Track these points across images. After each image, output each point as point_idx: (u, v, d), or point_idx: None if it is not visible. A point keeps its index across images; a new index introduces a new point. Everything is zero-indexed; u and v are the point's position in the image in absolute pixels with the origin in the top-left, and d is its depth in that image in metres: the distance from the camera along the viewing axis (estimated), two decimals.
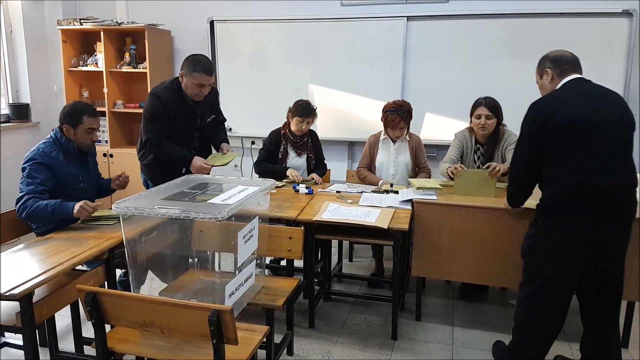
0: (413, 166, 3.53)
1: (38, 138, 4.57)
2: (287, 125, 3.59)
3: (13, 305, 2.00)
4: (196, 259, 2.42)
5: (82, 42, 4.92)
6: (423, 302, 3.14)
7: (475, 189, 2.97)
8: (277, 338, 2.55)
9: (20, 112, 4.70)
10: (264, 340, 2.03)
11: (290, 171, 3.52)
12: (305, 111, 3.47)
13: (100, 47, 4.68)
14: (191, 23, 4.82)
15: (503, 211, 2.74)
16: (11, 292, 1.81)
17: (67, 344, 2.74)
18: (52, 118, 4.85)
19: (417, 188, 3.02)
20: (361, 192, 3.23)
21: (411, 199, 2.95)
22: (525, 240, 2.39)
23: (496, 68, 4.11)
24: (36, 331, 2.01)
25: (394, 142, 3.50)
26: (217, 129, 3.38)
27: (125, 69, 4.72)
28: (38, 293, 2.03)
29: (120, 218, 2.07)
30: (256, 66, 4.70)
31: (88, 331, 2.58)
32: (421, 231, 2.91)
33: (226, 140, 3.37)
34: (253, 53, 4.68)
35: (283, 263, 3.61)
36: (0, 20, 4.59)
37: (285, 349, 2.63)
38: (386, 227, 2.63)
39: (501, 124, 3.20)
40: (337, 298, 3.37)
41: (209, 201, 2.09)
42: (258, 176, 3.66)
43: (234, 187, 2.25)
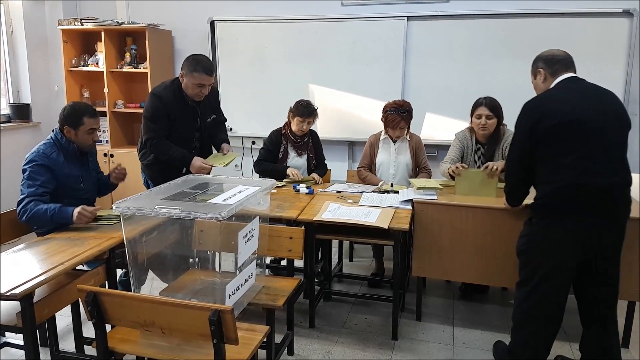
0: (413, 166, 3.53)
1: (39, 138, 4.62)
2: (288, 125, 3.59)
3: (14, 305, 2.00)
4: (197, 259, 2.42)
5: (83, 42, 4.93)
6: (423, 302, 3.14)
7: (476, 189, 2.98)
8: (278, 338, 2.56)
9: (21, 112, 4.71)
10: (265, 340, 2.03)
11: (290, 170, 3.52)
12: (306, 111, 3.47)
13: (100, 47, 4.68)
14: (192, 23, 4.83)
15: (504, 211, 2.74)
16: (12, 292, 1.81)
17: (68, 344, 2.74)
18: (53, 118, 4.85)
19: (418, 188, 3.02)
20: (361, 192, 3.23)
21: (411, 199, 2.96)
22: (520, 239, 2.40)
23: (496, 68, 4.11)
24: (37, 331, 2.01)
25: (394, 142, 3.50)
26: (218, 129, 3.38)
27: (125, 69, 4.73)
28: (39, 293, 2.03)
29: (120, 218, 2.07)
30: (256, 66, 4.70)
31: (89, 331, 2.58)
32: (422, 231, 2.92)
33: (227, 140, 3.37)
34: (253, 53, 4.68)
35: (283, 263, 3.61)
36: (1, 20, 4.59)
37: (285, 349, 2.63)
38: (386, 227, 2.63)
39: (502, 124, 3.20)
40: (338, 298, 3.37)
41: (210, 201, 2.09)
42: (258, 175, 3.67)
43: (235, 187, 2.25)
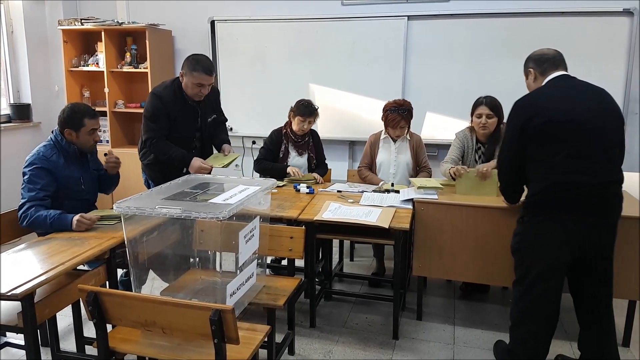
0: (414, 165, 3.53)
1: (39, 138, 4.63)
2: (289, 124, 3.59)
3: (15, 305, 2.00)
4: (197, 259, 2.42)
5: (83, 42, 4.92)
6: (424, 302, 3.14)
7: (476, 189, 2.98)
8: (279, 338, 2.56)
9: (21, 112, 4.71)
10: (265, 339, 2.03)
11: (291, 168, 3.52)
12: (307, 111, 3.47)
13: (101, 47, 4.68)
14: (192, 23, 4.83)
15: (504, 210, 2.74)
16: (13, 292, 1.81)
17: (69, 344, 2.75)
18: (53, 118, 4.79)
19: (418, 187, 3.02)
20: (362, 192, 3.23)
21: (412, 199, 2.96)
22: (513, 237, 2.41)
23: (497, 67, 4.11)
24: (38, 331, 2.01)
25: (395, 142, 3.50)
26: (219, 129, 3.37)
27: (126, 69, 4.73)
28: (39, 293, 2.04)
29: (121, 218, 2.07)
30: (257, 66, 4.70)
31: (89, 331, 2.58)
32: (422, 230, 2.92)
33: (227, 141, 3.37)
34: (254, 53, 4.68)
35: (284, 263, 3.61)
36: (1, 20, 4.60)
37: (286, 349, 2.64)
38: (387, 227, 2.63)
39: (502, 123, 3.19)
40: (338, 297, 3.38)
41: (210, 201, 2.09)
42: (258, 175, 3.67)
43: (235, 187, 2.25)
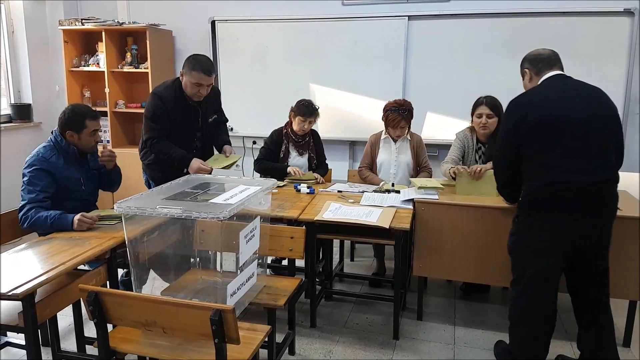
0: (414, 165, 3.53)
1: (40, 138, 4.63)
2: (289, 124, 3.59)
3: (15, 305, 2.01)
4: (198, 259, 2.42)
5: (84, 42, 4.93)
6: (424, 302, 3.14)
7: (477, 189, 2.98)
8: (279, 337, 2.56)
9: (22, 112, 4.71)
10: (266, 339, 2.03)
11: (291, 168, 3.52)
12: (307, 110, 3.48)
13: (101, 47, 4.68)
14: (192, 23, 4.83)
15: (505, 210, 2.74)
16: (13, 292, 1.81)
17: (69, 344, 2.75)
18: (54, 118, 4.79)
19: (419, 188, 3.02)
20: (362, 192, 3.23)
21: (412, 199, 2.96)
22: (509, 237, 2.42)
23: (497, 67, 4.11)
24: (38, 331, 2.01)
25: (395, 142, 3.50)
26: (219, 130, 3.38)
27: (126, 69, 4.73)
28: (40, 293, 2.04)
29: (122, 218, 2.07)
30: (257, 66, 4.70)
31: (90, 331, 2.57)
32: (423, 231, 2.92)
33: (228, 141, 3.37)
34: (254, 53, 4.68)
35: (284, 263, 3.61)
36: (1, 20, 4.60)
37: (287, 349, 2.64)
38: (387, 227, 2.63)
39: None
40: (339, 298, 3.38)
41: (211, 201, 2.09)
42: (258, 175, 3.67)
43: (236, 187, 2.25)
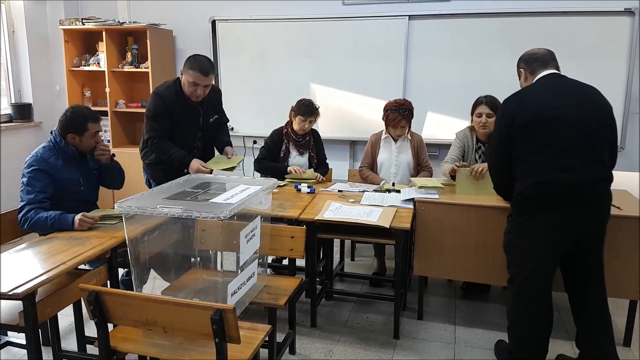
0: (415, 165, 3.52)
1: (40, 138, 4.63)
2: (290, 124, 3.59)
3: (16, 304, 2.01)
4: (198, 258, 2.42)
5: (84, 42, 4.93)
6: (425, 301, 3.14)
7: (477, 188, 2.97)
8: (280, 337, 2.56)
9: (22, 112, 4.71)
10: (266, 339, 2.03)
11: (291, 167, 3.52)
12: (307, 110, 3.48)
13: (102, 47, 4.68)
14: (193, 23, 4.83)
15: (505, 210, 2.72)
16: (14, 292, 1.81)
17: (70, 343, 2.75)
18: (55, 118, 4.82)
19: (419, 187, 3.02)
20: (363, 191, 3.23)
21: (413, 198, 2.96)
22: (504, 236, 2.43)
23: (498, 67, 4.10)
24: (39, 330, 2.01)
25: (396, 141, 3.50)
26: (220, 130, 3.37)
27: (127, 69, 4.73)
28: (41, 292, 2.04)
29: (122, 217, 2.07)
30: (258, 66, 4.70)
31: (91, 330, 2.57)
32: (423, 230, 2.92)
33: (229, 142, 3.37)
34: (255, 52, 4.68)
35: (285, 262, 3.61)
36: (2, 20, 4.60)
37: (287, 348, 2.64)
38: (388, 226, 2.63)
39: None
40: (339, 297, 3.38)
41: (211, 200, 2.09)
42: (259, 174, 3.67)
43: (236, 187, 2.26)
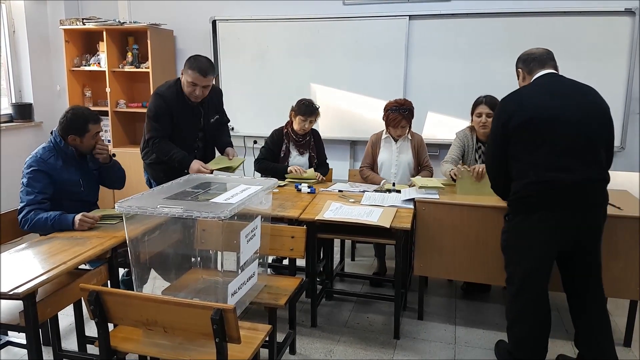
0: (415, 165, 3.52)
1: (41, 138, 4.64)
2: (290, 124, 3.59)
3: (16, 304, 2.01)
4: (199, 258, 2.42)
5: (85, 42, 4.93)
6: (425, 301, 3.14)
7: (477, 188, 2.97)
8: (280, 337, 2.56)
9: (23, 112, 4.71)
10: (267, 339, 2.03)
11: (292, 167, 3.52)
12: (307, 110, 3.48)
13: (102, 47, 4.68)
14: (193, 23, 4.83)
15: (505, 210, 2.73)
16: (14, 291, 1.81)
17: (70, 343, 2.75)
18: (55, 118, 4.80)
19: (420, 187, 3.02)
20: (363, 191, 3.23)
21: (413, 198, 2.96)
22: (501, 235, 2.44)
23: (498, 67, 4.09)
24: (39, 330, 2.01)
25: (396, 141, 3.50)
26: (221, 130, 3.38)
27: (127, 69, 4.73)
28: (41, 292, 2.04)
29: (123, 217, 2.07)
30: (258, 66, 4.70)
31: (91, 330, 2.58)
32: (423, 230, 2.92)
33: (230, 143, 3.37)
34: (255, 52, 4.68)
35: (285, 262, 3.61)
36: (3, 20, 4.60)
37: (287, 348, 2.64)
38: (388, 226, 2.63)
39: None
40: (340, 297, 3.37)
41: (212, 200, 2.09)
42: (259, 174, 3.67)
43: (237, 187, 2.26)
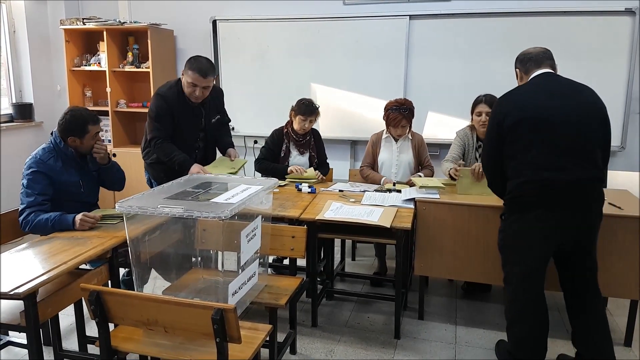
0: (416, 165, 3.52)
1: (41, 138, 4.64)
2: (290, 123, 3.59)
3: (17, 304, 2.01)
4: (199, 258, 2.43)
5: (85, 42, 4.93)
6: (426, 301, 3.14)
7: (478, 188, 2.97)
8: (280, 337, 2.56)
9: (23, 112, 4.71)
10: (267, 339, 2.03)
11: (292, 167, 3.52)
12: (307, 110, 3.48)
13: (103, 47, 4.68)
14: (194, 22, 4.83)
15: None
16: (15, 291, 1.81)
17: (71, 343, 2.75)
18: (55, 118, 4.75)
19: (420, 187, 3.02)
20: (364, 191, 3.23)
21: (414, 198, 2.96)
22: (498, 234, 2.44)
23: (498, 67, 4.09)
24: (40, 330, 2.01)
25: (396, 141, 3.50)
26: (222, 130, 3.37)
27: (128, 69, 4.73)
28: (42, 292, 2.04)
29: (123, 217, 2.07)
30: (258, 65, 4.70)
31: (92, 330, 2.59)
32: (424, 230, 2.92)
33: (232, 144, 3.37)
34: (255, 52, 4.68)
35: (286, 262, 3.61)
36: (3, 20, 4.60)
37: (288, 348, 2.64)
38: (389, 226, 2.63)
39: None
40: (340, 297, 3.37)
41: (212, 200, 2.09)
42: (260, 174, 3.67)
43: (237, 187, 2.26)
